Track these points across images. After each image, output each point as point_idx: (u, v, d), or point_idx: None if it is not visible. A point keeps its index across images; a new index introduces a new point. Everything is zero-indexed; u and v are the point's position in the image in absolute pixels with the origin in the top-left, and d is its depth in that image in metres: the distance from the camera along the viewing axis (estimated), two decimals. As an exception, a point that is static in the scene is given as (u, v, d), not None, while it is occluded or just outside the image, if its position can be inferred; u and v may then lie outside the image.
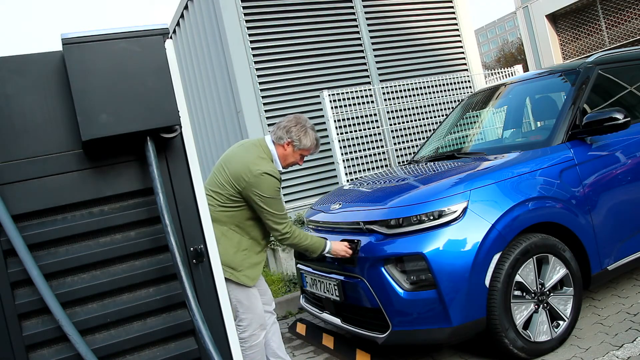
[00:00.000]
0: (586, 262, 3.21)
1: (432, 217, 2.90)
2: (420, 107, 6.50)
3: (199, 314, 1.59)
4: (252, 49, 5.97)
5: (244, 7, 5.95)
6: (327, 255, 3.07)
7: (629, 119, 3.20)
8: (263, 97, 5.98)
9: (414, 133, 6.52)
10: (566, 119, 3.43)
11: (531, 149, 3.39)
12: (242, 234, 2.86)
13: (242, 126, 6.04)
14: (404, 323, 2.89)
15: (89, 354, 1.55)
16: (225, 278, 2.78)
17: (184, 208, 1.75)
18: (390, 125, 6.47)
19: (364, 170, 5.99)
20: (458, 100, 6.43)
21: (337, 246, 3.06)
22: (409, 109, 6.49)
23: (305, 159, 3.13)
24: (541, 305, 3.01)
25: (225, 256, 2.74)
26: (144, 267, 1.70)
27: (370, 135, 6.22)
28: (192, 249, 1.75)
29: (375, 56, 6.72)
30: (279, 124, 2.93)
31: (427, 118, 6.53)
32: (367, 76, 6.64)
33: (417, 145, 6.39)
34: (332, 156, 6.00)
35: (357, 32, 6.63)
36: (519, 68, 7.29)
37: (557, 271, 3.07)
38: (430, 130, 6.44)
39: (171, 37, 5.22)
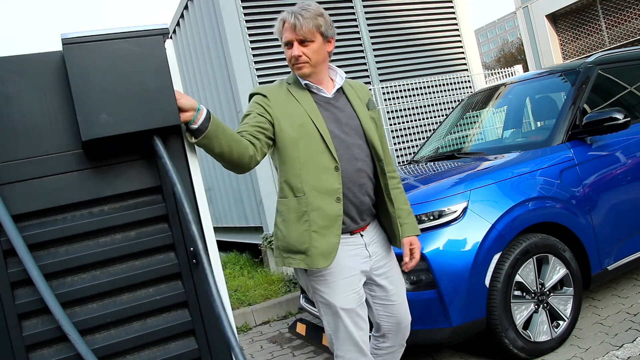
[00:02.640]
0: (586, 262, 3.21)
1: (432, 217, 2.90)
2: (420, 107, 6.50)
3: (220, 301, 1.57)
4: (252, 49, 5.96)
5: (244, 7, 5.95)
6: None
7: (629, 119, 3.20)
8: (263, 97, 5.96)
9: (414, 133, 6.52)
10: (566, 119, 3.43)
11: (531, 149, 3.39)
12: (290, 196, 2.06)
13: (242, 126, 6.03)
14: (404, 323, 2.89)
15: (89, 354, 1.55)
16: (300, 270, 2.08)
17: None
18: (390, 125, 6.47)
19: (364, 170, 5.98)
20: (458, 100, 6.43)
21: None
22: (409, 109, 6.49)
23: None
24: (541, 305, 3.01)
25: (287, 235, 2.06)
26: (144, 267, 1.70)
27: (370, 135, 6.21)
28: (192, 249, 1.75)
29: (375, 56, 6.72)
30: None
31: (427, 118, 6.53)
32: (367, 76, 6.64)
33: (417, 145, 6.39)
34: (332, 156, 5.99)
35: (357, 32, 6.63)
36: (519, 68, 7.30)
37: (557, 271, 3.07)
38: (430, 130, 6.43)
39: (171, 37, 5.22)
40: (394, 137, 6.48)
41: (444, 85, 6.64)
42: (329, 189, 2.02)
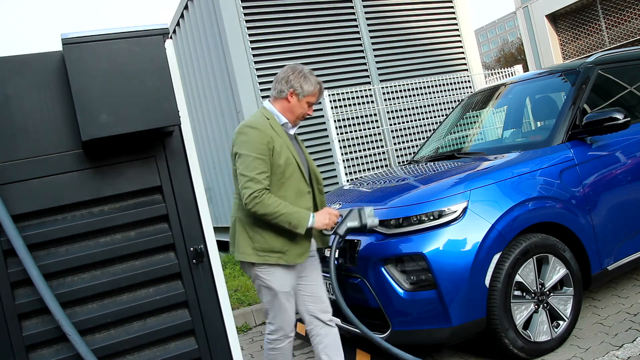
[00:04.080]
0: (586, 262, 3.21)
1: (432, 217, 2.90)
2: (420, 107, 6.50)
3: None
4: (252, 49, 5.97)
5: (244, 7, 5.95)
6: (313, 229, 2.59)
7: (628, 119, 3.20)
8: (263, 97, 5.97)
9: (414, 133, 6.52)
10: (566, 119, 3.43)
11: (531, 149, 3.39)
12: None
13: (242, 126, 6.04)
14: (404, 323, 2.89)
15: (88, 355, 1.55)
16: (271, 264, 2.53)
17: (184, 208, 1.75)
18: (390, 125, 6.47)
19: (364, 170, 5.99)
20: (458, 100, 6.43)
21: (320, 217, 2.57)
22: (409, 109, 6.49)
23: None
24: (541, 305, 3.01)
25: (268, 241, 2.51)
26: (144, 267, 1.70)
27: (370, 135, 6.22)
28: (192, 249, 1.75)
29: (375, 56, 6.72)
30: (276, 77, 2.72)
31: (427, 118, 6.52)
32: (367, 76, 6.64)
33: (417, 145, 6.39)
34: (332, 156, 6.00)
35: (357, 32, 6.63)
36: (519, 68, 7.29)
37: (557, 271, 3.07)
38: (430, 130, 6.43)
39: (171, 37, 5.22)
40: (394, 137, 6.48)
41: (444, 85, 6.64)
42: (306, 208, 2.58)
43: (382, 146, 6.36)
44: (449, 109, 6.55)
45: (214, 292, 1.78)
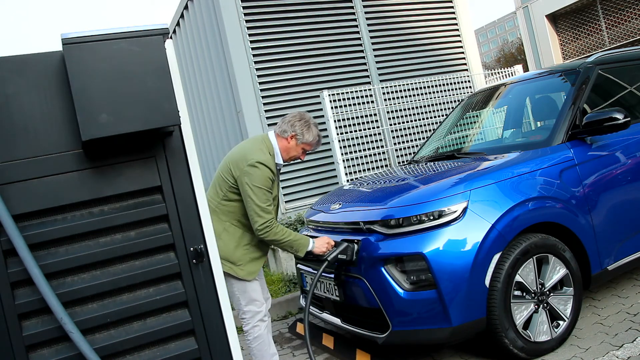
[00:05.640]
0: (586, 262, 3.21)
1: (432, 217, 2.90)
2: (420, 107, 6.50)
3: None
4: (252, 49, 5.97)
5: (244, 7, 5.95)
6: (312, 253, 3.02)
7: (629, 119, 3.20)
8: (263, 97, 5.98)
9: (414, 133, 6.52)
10: (566, 119, 3.43)
11: (531, 149, 3.39)
12: (243, 229, 2.92)
13: (242, 126, 6.04)
14: (404, 323, 2.89)
15: (90, 353, 1.55)
16: (225, 272, 2.80)
17: (184, 208, 1.75)
18: (390, 125, 6.47)
19: (364, 170, 5.99)
20: (458, 100, 6.43)
21: (319, 243, 3.02)
22: (409, 109, 6.48)
23: (307, 156, 3.17)
24: (541, 305, 3.01)
25: (225, 251, 2.82)
26: (144, 267, 1.70)
27: (370, 135, 6.22)
28: (192, 249, 1.75)
29: (375, 56, 6.72)
30: (284, 118, 3.03)
31: (427, 118, 6.52)
32: (367, 76, 6.64)
33: (417, 145, 6.39)
34: (332, 156, 6.00)
35: (357, 32, 6.63)
36: (519, 68, 7.29)
37: (557, 271, 3.07)
38: (430, 130, 6.43)
39: (171, 37, 5.22)
40: (394, 137, 6.48)
41: (444, 85, 6.64)
42: None
43: (382, 146, 6.36)
44: (449, 109, 6.55)
45: (214, 292, 1.78)
